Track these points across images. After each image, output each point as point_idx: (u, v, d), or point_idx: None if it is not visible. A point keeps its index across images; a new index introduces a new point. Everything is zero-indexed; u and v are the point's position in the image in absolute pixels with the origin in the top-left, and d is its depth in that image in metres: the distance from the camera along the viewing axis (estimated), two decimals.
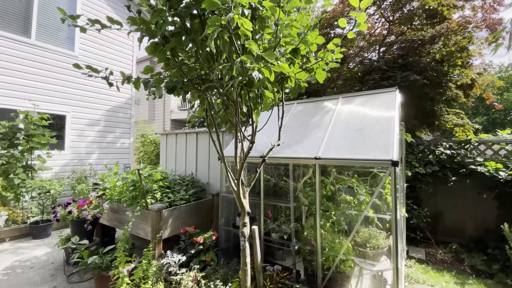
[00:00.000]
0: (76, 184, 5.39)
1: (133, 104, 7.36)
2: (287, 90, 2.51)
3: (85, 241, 2.67)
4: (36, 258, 3.80)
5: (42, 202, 4.84)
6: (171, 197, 3.54)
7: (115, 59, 6.99)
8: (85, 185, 4.75)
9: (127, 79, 1.88)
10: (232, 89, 1.94)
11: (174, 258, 2.59)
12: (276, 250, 3.49)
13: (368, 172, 3.30)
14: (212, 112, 2.41)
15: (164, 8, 1.89)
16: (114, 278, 2.26)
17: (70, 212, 3.18)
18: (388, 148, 2.42)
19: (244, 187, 2.44)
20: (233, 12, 1.52)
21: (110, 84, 1.84)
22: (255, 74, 1.69)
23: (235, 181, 2.31)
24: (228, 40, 1.60)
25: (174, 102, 11.49)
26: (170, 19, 2.08)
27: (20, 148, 4.87)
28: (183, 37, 1.99)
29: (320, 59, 2.23)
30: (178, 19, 1.97)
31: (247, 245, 2.34)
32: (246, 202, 2.45)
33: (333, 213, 3.00)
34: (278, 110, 2.53)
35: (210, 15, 1.96)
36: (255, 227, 2.52)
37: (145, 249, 2.43)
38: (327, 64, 2.28)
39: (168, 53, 2.14)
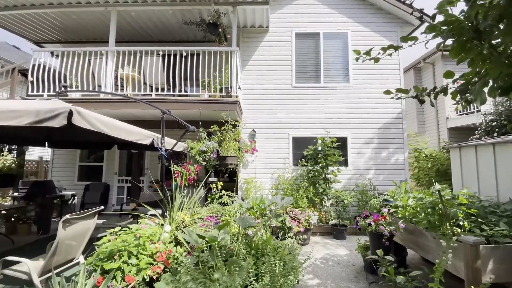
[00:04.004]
0: (360, 196, 6.10)
1: (404, 118, 7.05)
2: None
3: (389, 257, 2.76)
4: (339, 256, 4.66)
5: (337, 208, 6.00)
6: (486, 229, 2.69)
7: (381, 78, 7.25)
8: (377, 200, 5.15)
9: (442, 91, 1.70)
10: None
11: None
12: None
13: None
14: None
15: None
16: None
17: (369, 224, 3.54)
18: None
19: None
20: None
21: (422, 102, 1.77)
22: None
23: None
24: None
25: (450, 107, 9.39)
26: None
27: (320, 165, 6.50)
28: None
29: None
30: None
31: None
32: None
33: None
34: None
35: None
36: None
37: None
38: None
39: (486, 46, 1.69)
